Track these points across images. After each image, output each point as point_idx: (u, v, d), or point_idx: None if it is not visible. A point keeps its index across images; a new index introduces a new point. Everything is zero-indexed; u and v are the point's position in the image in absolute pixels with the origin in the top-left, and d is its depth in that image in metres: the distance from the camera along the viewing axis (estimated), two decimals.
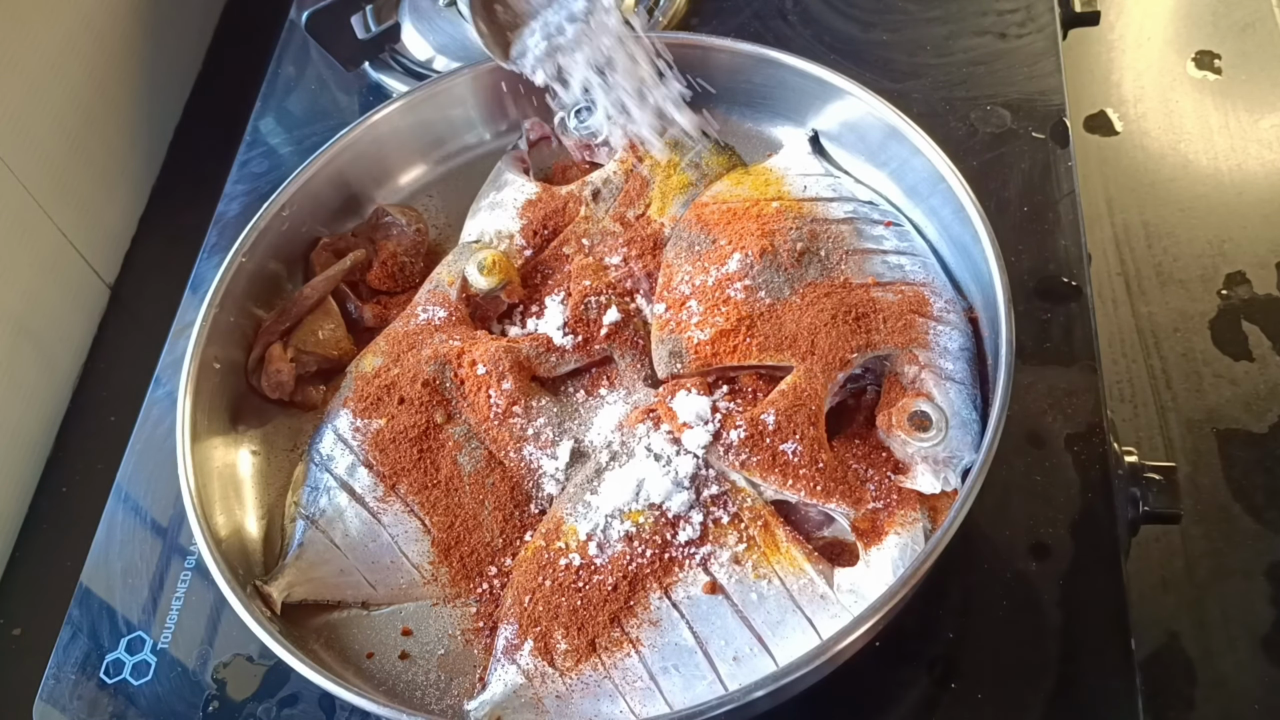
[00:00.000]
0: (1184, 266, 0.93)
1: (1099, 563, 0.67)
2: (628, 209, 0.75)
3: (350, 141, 0.77)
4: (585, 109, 0.78)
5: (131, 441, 0.78)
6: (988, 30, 0.91)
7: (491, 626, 0.64)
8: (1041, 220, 0.80)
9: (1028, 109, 0.85)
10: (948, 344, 0.66)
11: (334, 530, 0.66)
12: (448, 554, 0.65)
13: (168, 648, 0.70)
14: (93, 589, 0.73)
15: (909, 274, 0.70)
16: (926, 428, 0.63)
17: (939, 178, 0.69)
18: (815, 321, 0.66)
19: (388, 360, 0.70)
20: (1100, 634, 0.65)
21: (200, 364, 0.68)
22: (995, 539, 0.69)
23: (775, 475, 0.62)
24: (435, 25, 0.96)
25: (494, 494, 0.66)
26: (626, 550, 0.62)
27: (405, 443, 0.67)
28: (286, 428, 0.73)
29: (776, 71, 0.76)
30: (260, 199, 0.76)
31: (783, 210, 0.71)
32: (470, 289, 0.72)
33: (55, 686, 0.70)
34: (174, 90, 1.10)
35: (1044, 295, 0.77)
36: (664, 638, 0.60)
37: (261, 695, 0.68)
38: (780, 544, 0.62)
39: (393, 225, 0.78)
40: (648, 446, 0.64)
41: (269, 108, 0.96)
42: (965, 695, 0.65)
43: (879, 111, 0.72)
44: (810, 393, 0.64)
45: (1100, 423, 0.72)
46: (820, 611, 0.60)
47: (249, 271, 0.73)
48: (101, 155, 0.99)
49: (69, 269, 0.95)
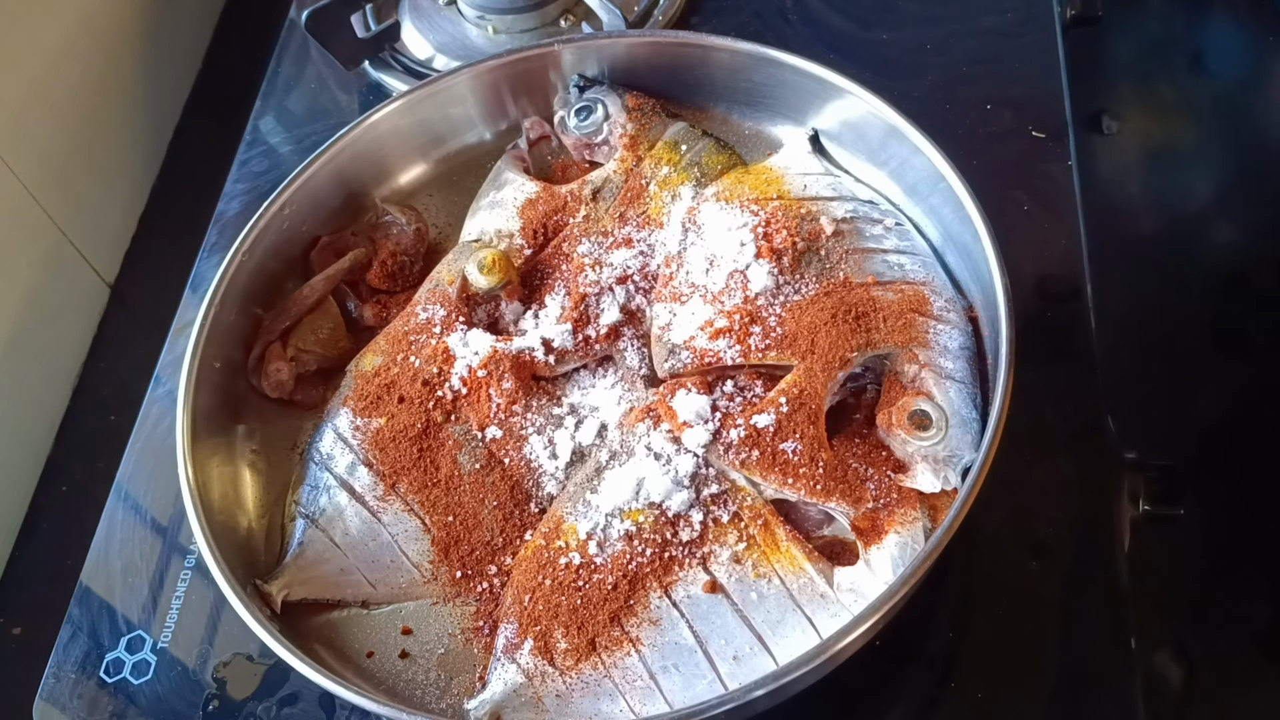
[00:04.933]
0: (1183, 265, 0.93)
1: (1099, 563, 0.67)
2: (628, 208, 0.75)
3: (350, 140, 0.77)
4: (585, 108, 0.78)
5: (131, 441, 0.78)
6: (988, 30, 0.91)
7: (491, 625, 0.64)
8: (1041, 219, 0.80)
9: (1028, 108, 0.85)
10: (948, 343, 0.66)
11: (334, 529, 0.66)
12: (448, 553, 0.65)
13: (168, 647, 0.70)
14: (93, 588, 0.73)
15: (909, 273, 0.70)
16: (926, 427, 0.63)
17: (939, 177, 0.69)
18: (815, 320, 0.66)
19: (388, 359, 0.70)
20: (1100, 634, 0.65)
21: (200, 363, 0.68)
22: (995, 538, 0.69)
23: (775, 474, 0.62)
24: (435, 24, 0.96)
25: (494, 493, 0.66)
26: (626, 549, 0.62)
27: (405, 442, 0.67)
28: (286, 427, 0.73)
29: (776, 70, 0.76)
30: (260, 198, 0.76)
31: (782, 209, 0.71)
32: (470, 288, 0.72)
33: (55, 685, 0.70)
34: (174, 90, 1.10)
35: (1044, 294, 0.77)
36: (664, 637, 0.60)
37: (261, 694, 0.68)
38: (780, 543, 0.62)
39: (392, 224, 0.78)
40: (648, 445, 0.64)
41: (269, 107, 0.96)
42: (965, 695, 0.65)
43: (879, 111, 0.72)
44: (810, 392, 0.64)
45: (1100, 422, 0.72)
46: (820, 611, 0.60)
47: (249, 271, 0.72)
48: (101, 155, 0.99)
49: (69, 269, 0.95)
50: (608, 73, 0.80)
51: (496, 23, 0.95)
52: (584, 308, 0.70)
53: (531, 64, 0.79)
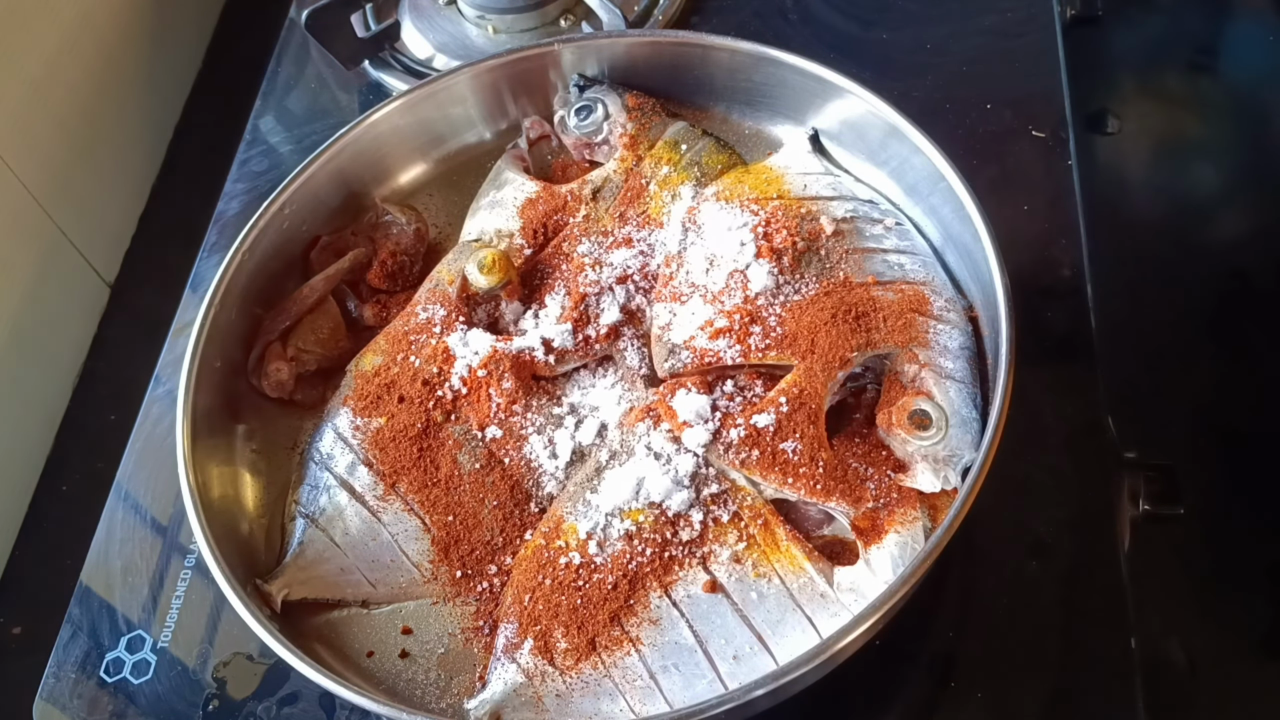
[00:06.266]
0: (1184, 265, 0.93)
1: (1099, 562, 0.67)
2: (628, 208, 0.75)
3: (350, 140, 0.77)
4: (585, 108, 0.78)
5: (131, 440, 0.78)
6: (988, 29, 0.91)
7: (491, 625, 0.64)
8: (1041, 219, 0.80)
9: (1028, 108, 0.85)
10: (948, 343, 0.66)
11: (334, 529, 0.66)
12: (448, 552, 0.65)
13: (168, 646, 0.70)
14: (93, 588, 0.73)
15: (909, 273, 0.70)
16: (926, 426, 0.63)
17: (939, 176, 0.69)
18: (815, 320, 0.66)
19: (388, 359, 0.70)
20: (1100, 634, 0.65)
21: (200, 363, 0.68)
22: (995, 538, 0.69)
23: (775, 474, 0.62)
24: (435, 24, 0.96)
25: (494, 492, 0.66)
26: (626, 549, 0.62)
27: (405, 441, 0.67)
28: (286, 426, 0.73)
29: (776, 70, 0.76)
30: (260, 198, 0.76)
31: (783, 209, 0.71)
32: (470, 288, 0.72)
33: (55, 685, 0.70)
34: (174, 90, 1.10)
35: (1044, 294, 0.77)
36: (664, 636, 0.60)
37: (261, 694, 0.68)
38: (780, 542, 0.62)
39: (392, 224, 0.78)
40: (648, 445, 0.64)
41: (269, 106, 0.96)
42: (965, 695, 0.65)
43: (879, 110, 0.72)
44: (810, 391, 0.64)
45: (1100, 421, 0.72)
46: (820, 610, 0.60)
47: (249, 271, 0.72)
48: (101, 155, 0.99)
49: (69, 269, 0.95)
50: (608, 72, 0.80)
51: (496, 22, 0.95)
52: (584, 307, 0.70)
53: (531, 64, 0.79)
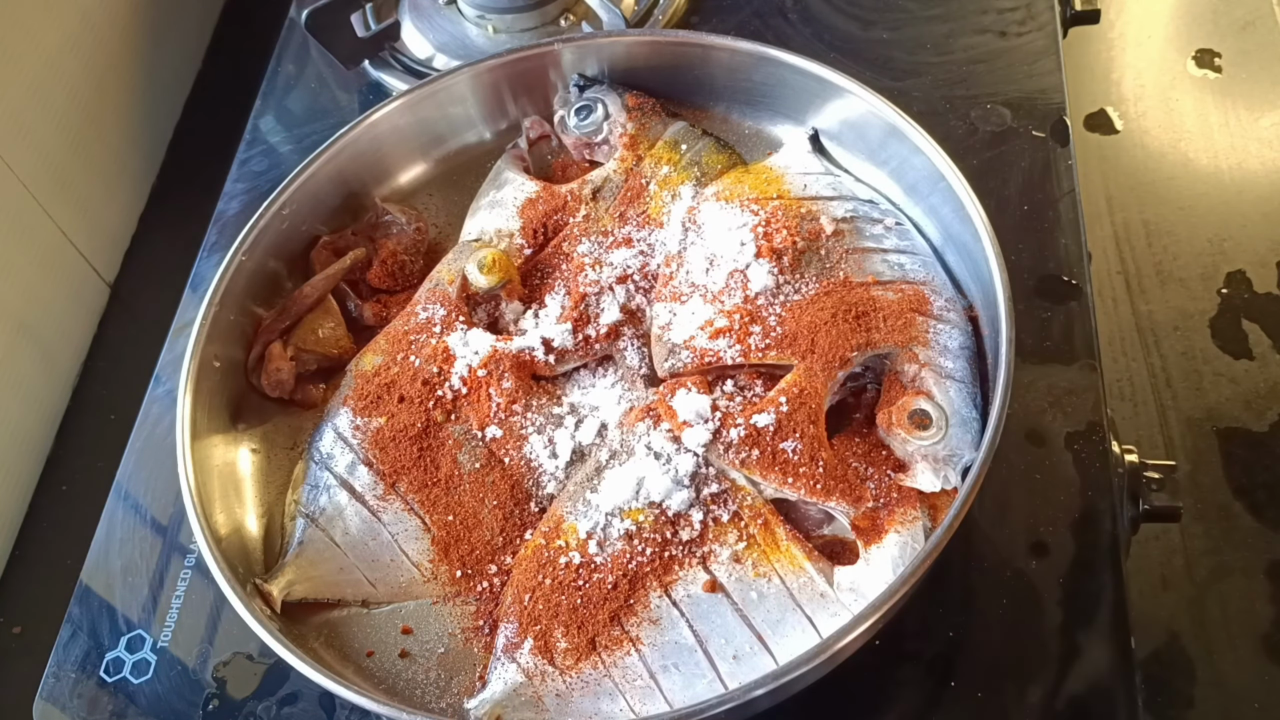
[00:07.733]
0: (1184, 265, 0.93)
1: (1099, 562, 0.67)
2: (628, 208, 0.75)
3: (350, 140, 0.77)
4: (585, 107, 0.78)
5: (131, 440, 0.78)
6: (988, 28, 0.91)
7: (491, 625, 0.64)
8: (1042, 218, 0.80)
9: (1028, 107, 0.85)
10: (948, 342, 0.66)
11: (334, 528, 0.66)
12: (448, 552, 0.65)
13: (168, 646, 0.70)
14: (93, 587, 0.73)
15: (909, 272, 0.70)
16: (926, 426, 0.62)
17: (939, 176, 0.69)
18: (815, 320, 0.66)
19: (388, 359, 0.70)
20: (1100, 633, 0.65)
21: (200, 362, 0.68)
22: (995, 538, 0.69)
23: (775, 473, 0.62)
24: (435, 23, 0.96)
25: (494, 492, 0.66)
26: (626, 549, 0.62)
27: (405, 441, 0.67)
28: (286, 426, 0.73)
29: (776, 70, 0.76)
30: (260, 197, 0.76)
31: (783, 209, 0.71)
32: (470, 287, 0.72)
33: (55, 685, 0.70)
34: (174, 90, 1.10)
35: (1044, 294, 0.77)
36: (664, 636, 0.60)
37: (261, 694, 0.68)
38: (780, 542, 0.62)
39: (393, 224, 0.78)
40: (648, 445, 0.64)
41: (269, 106, 0.96)
42: (965, 694, 0.65)
43: (879, 110, 0.72)
44: (810, 391, 0.64)
45: (1100, 421, 0.71)
46: (820, 610, 0.60)
47: (249, 270, 0.72)
48: (101, 155, 0.99)
49: (69, 268, 0.95)
50: (608, 72, 0.80)
51: (496, 22, 0.95)
52: (584, 307, 0.70)
53: (531, 63, 0.79)
